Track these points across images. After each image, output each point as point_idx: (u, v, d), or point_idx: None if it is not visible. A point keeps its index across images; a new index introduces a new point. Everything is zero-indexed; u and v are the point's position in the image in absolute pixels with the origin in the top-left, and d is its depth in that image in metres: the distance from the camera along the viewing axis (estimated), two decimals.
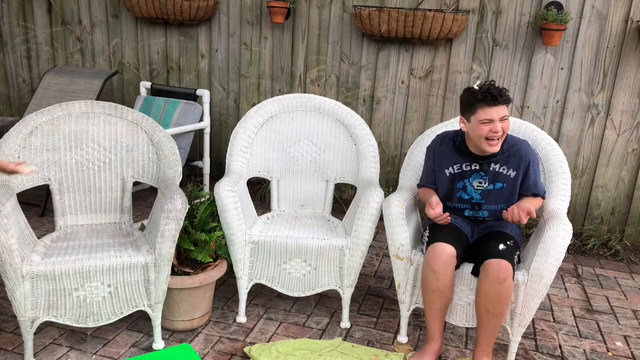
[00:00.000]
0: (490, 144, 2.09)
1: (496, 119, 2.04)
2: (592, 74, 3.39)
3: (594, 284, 3.04)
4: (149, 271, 2.07)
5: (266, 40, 3.94)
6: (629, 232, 3.56)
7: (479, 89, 2.05)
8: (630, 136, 3.42)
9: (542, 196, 2.22)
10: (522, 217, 2.01)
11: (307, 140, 2.73)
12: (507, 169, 2.18)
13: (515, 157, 2.17)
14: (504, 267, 1.96)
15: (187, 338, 2.29)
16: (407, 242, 2.18)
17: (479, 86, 2.06)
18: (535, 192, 2.20)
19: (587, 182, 3.56)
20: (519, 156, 2.17)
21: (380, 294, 2.78)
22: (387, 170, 3.92)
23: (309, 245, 2.31)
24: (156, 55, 4.20)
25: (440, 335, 2.16)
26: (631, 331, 2.56)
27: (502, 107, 2.04)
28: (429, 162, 2.32)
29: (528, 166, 2.17)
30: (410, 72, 3.70)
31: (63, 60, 4.43)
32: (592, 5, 3.29)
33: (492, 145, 2.09)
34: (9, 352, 2.13)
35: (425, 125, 3.75)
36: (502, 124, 2.06)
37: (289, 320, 2.48)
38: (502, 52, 3.51)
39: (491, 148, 2.10)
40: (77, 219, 2.41)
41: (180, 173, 2.40)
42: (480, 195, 2.21)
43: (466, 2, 3.49)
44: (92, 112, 2.38)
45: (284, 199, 2.77)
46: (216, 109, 4.18)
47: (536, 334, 2.48)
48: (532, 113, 3.54)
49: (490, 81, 2.10)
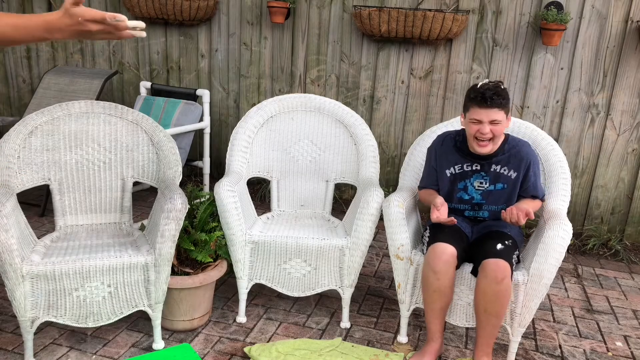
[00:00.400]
0: (479, 144, 2.09)
1: (485, 121, 2.03)
2: (592, 74, 3.39)
3: (594, 284, 3.04)
4: (149, 271, 2.07)
5: (266, 40, 3.94)
6: (629, 232, 3.56)
7: (479, 87, 2.04)
8: (630, 136, 3.42)
9: (541, 199, 2.22)
10: (521, 218, 2.01)
11: (307, 140, 2.73)
12: (508, 169, 2.17)
13: (516, 158, 2.17)
14: (502, 266, 1.96)
15: (187, 338, 2.29)
16: (407, 242, 2.18)
17: (482, 84, 2.05)
18: (534, 194, 2.19)
19: (587, 182, 3.56)
20: (519, 157, 2.17)
21: (380, 294, 2.78)
22: (387, 170, 3.92)
23: (309, 245, 2.31)
24: (156, 55, 4.20)
25: (440, 335, 2.16)
26: (631, 331, 2.56)
27: (494, 111, 2.01)
28: (430, 162, 2.32)
29: (528, 168, 2.17)
30: (410, 72, 3.70)
31: (63, 60, 4.43)
32: (592, 5, 3.29)
33: (480, 146, 2.09)
34: (9, 352, 2.13)
35: (425, 125, 3.75)
36: (492, 127, 2.03)
37: (289, 320, 2.48)
38: (502, 52, 3.51)
39: (479, 148, 2.10)
40: (77, 219, 2.41)
41: (180, 173, 2.40)
42: (480, 196, 2.21)
43: (466, 2, 3.49)
44: (92, 112, 2.38)
45: (284, 199, 2.77)
46: (216, 109, 4.18)
47: (536, 334, 2.48)
48: (532, 113, 3.54)
49: (496, 81, 2.07)
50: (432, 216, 2.09)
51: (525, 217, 2.01)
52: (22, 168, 2.26)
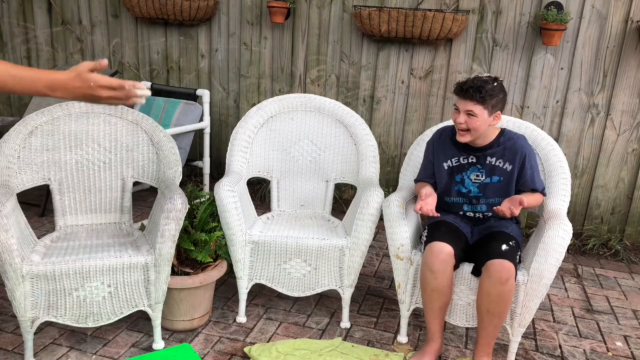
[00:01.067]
0: (459, 132, 2.14)
1: (461, 110, 2.09)
2: (592, 74, 3.39)
3: (594, 284, 3.04)
4: (149, 271, 2.07)
5: (266, 40, 3.94)
6: (629, 232, 3.56)
7: (470, 78, 2.12)
8: (630, 136, 3.42)
9: (541, 192, 2.22)
10: (514, 209, 1.99)
11: (307, 140, 2.73)
12: (503, 162, 2.18)
13: (510, 150, 2.18)
14: (507, 267, 1.96)
15: (187, 338, 2.29)
16: (407, 242, 2.18)
17: (475, 76, 2.12)
18: (533, 187, 2.19)
19: (587, 182, 3.56)
20: (514, 150, 2.17)
21: (380, 294, 2.78)
22: (387, 170, 3.92)
23: (309, 245, 2.31)
24: (156, 55, 4.20)
25: (440, 335, 2.16)
26: (631, 331, 2.56)
27: (469, 103, 2.06)
28: (428, 155, 2.34)
29: (524, 161, 2.17)
30: (410, 72, 3.70)
31: (63, 60, 4.43)
32: (592, 5, 3.29)
33: (459, 135, 2.15)
34: (9, 352, 2.13)
35: (425, 125, 3.75)
36: (467, 118, 2.09)
37: (289, 320, 2.48)
38: (502, 52, 3.51)
39: (459, 137, 2.15)
40: (77, 219, 2.41)
41: (180, 173, 2.40)
42: (477, 189, 2.22)
43: (466, 2, 3.49)
44: (92, 112, 2.38)
45: (284, 199, 2.77)
46: (216, 109, 4.18)
47: (536, 334, 2.48)
48: (532, 113, 3.54)
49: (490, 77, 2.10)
50: (415, 207, 2.11)
51: (519, 207, 1.99)
52: (22, 168, 2.26)
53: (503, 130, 2.22)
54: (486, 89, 2.04)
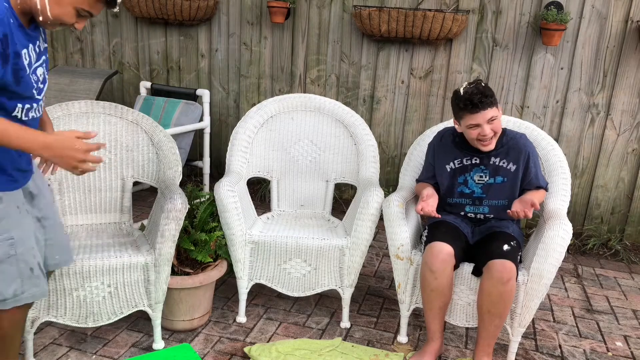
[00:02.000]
0: (483, 144, 2.13)
1: (482, 123, 2.06)
2: (592, 74, 3.39)
3: (594, 284, 3.04)
4: (149, 271, 2.07)
5: (266, 40, 3.94)
6: (629, 232, 3.56)
7: (463, 94, 2.06)
8: (630, 136, 3.42)
9: (545, 188, 2.23)
10: (527, 212, 2.01)
11: (307, 140, 2.73)
12: (507, 162, 2.19)
13: (514, 150, 2.19)
14: (508, 267, 1.96)
15: (187, 338, 2.29)
16: (407, 242, 2.18)
17: (464, 90, 2.07)
18: (537, 185, 2.21)
19: (587, 182, 3.56)
20: (517, 149, 2.19)
21: (380, 294, 2.78)
22: (387, 170, 3.92)
23: (309, 245, 2.31)
24: (156, 55, 4.20)
25: (440, 335, 2.16)
26: (631, 331, 2.56)
27: (488, 111, 2.04)
28: (428, 158, 2.35)
29: (528, 159, 2.19)
30: (410, 72, 3.70)
31: (63, 60, 4.43)
32: (592, 5, 3.29)
33: (484, 145, 2.13)
34: None
35: (425, 125, 3.75)
36: (491, 125, 2.07)
37: (289, 320, 2.48)
38: (502, 52, 3.51)
39: (485, 148, 2.14)
40: (77, 219, 2.41)
41: (180, 173, 2.40)
42: (481, 190, 2.22)
43: (466, 2, 3.49)
44: (92, 112, 2.38)
45: (284, 199, 2.77)
46: (216, 109, 4.18)
47: (536, 334, 2.48)
48: (532, 113, 3.54)
49: (475, 81, 2.09)
50: (416, 207, 2.12)
51: (531, 208, 2.01)
52: None
53: (504, 130, 2.22)
54: (487, 91, 2.05)
